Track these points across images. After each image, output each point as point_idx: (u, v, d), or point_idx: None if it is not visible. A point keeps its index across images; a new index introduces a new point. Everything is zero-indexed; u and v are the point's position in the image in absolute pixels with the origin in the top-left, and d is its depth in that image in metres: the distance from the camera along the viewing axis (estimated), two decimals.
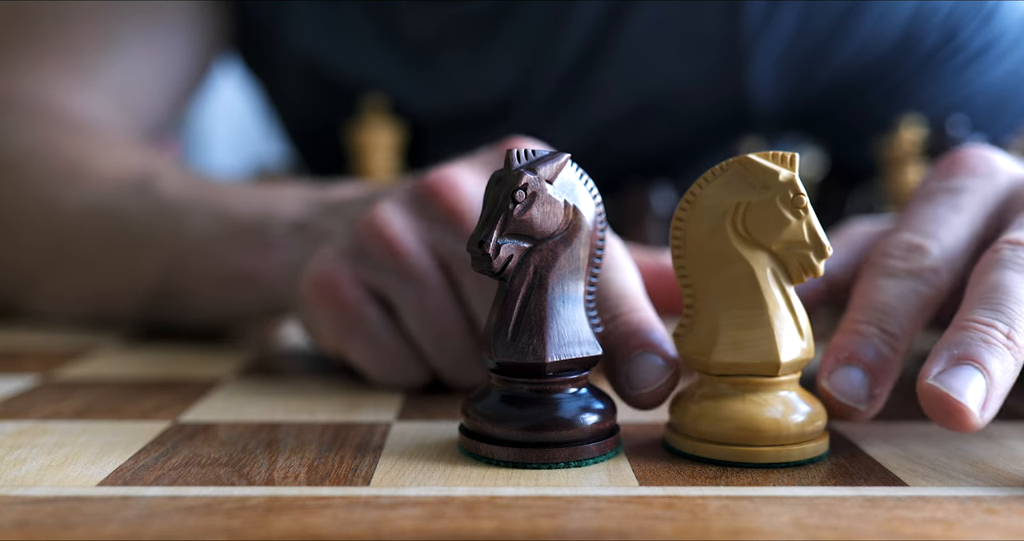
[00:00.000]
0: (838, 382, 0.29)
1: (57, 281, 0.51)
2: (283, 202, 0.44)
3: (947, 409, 0.26)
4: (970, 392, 0.26)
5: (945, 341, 0.27)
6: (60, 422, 0.33)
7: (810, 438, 0.29)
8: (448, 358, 0.36)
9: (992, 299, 0.28)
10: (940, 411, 0.26)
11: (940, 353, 0.27)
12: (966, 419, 0.26)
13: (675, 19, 0.65)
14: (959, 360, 0.26)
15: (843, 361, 0.30)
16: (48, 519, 0.24)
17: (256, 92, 0.81)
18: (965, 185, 0.34)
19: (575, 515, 0.24)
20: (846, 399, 0.29)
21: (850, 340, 0.30)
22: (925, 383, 0.26)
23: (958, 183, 0.34)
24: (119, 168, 0.51)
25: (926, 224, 0.33)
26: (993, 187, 0.34)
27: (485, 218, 0.28)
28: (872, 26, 0.64)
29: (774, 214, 0.28)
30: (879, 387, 0.29)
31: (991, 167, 0.35)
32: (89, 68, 0.61)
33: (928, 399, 0.26)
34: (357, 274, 0.37)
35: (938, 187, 0.35)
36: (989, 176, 0.35)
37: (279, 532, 0.23)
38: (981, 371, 0.26)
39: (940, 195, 0.34)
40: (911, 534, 0.23)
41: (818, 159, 0.79)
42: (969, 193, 0.34)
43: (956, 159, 0.36)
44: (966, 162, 0.35)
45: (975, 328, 0.27)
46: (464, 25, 0.68)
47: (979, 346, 0.27)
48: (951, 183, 0.35)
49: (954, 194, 0.34)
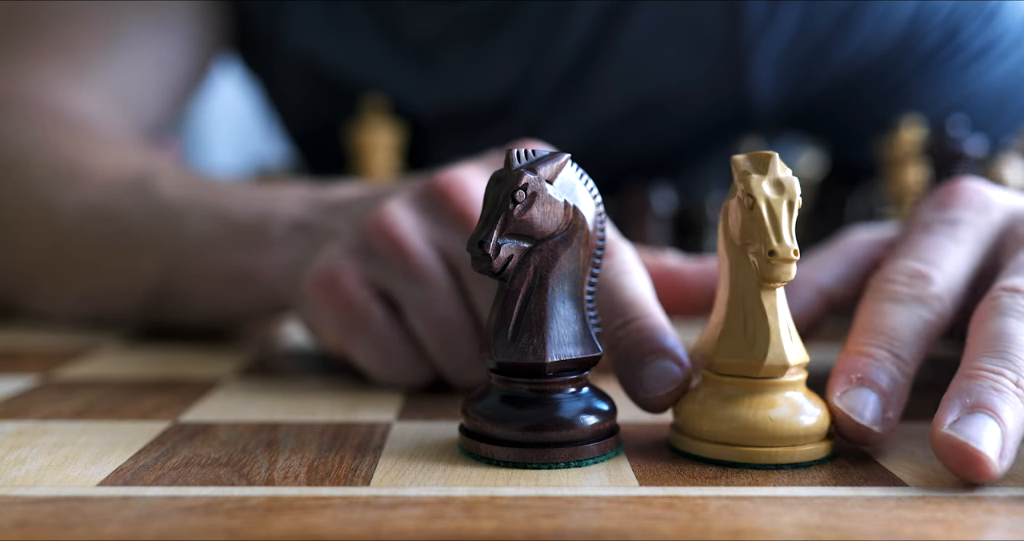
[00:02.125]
0: (852, 402, 0.29)
1: (56, 281, 0.51)
2: (283, 202, 0.44)
3: (965, 458, 0.25)
4: (987, 440, 0.25)
5: (955, 389, 0.27)
6: (60, 422, 0.33)
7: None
8: (453, 358, 0.36)
9: (997, 347, 0.28)
10: (958, 460, 0.26)
11: (952, 402, 0.27)
12: (985, 468, 0.25)
13: (676, 19, 0.65)
14: (972, 409, 0.26)
15: (856, 383, 0.29)
16: (48, 519, 0.24)
17: (256, 92, 0.81)
18: (963, 218, 0.34)
19: (575, 515, 0.24)
20: (860, 418, 0.28)
21: (862, 362, 0.29)
22: (940, 432, 0.26)
23: (955, 215, 0.34)
24: (118, 168, 0.51)
25: (927, 253, 0.33)
26: (988, 221, 0.34)
27: (485, 218, 0.28)
28: (873, 26, 0.64)
29: (735, 214, 0.28)
30: (892, 411, 0.29)
31: (987, 200, 0.35)
32: (88, 67, 0.61)
33: (944, 448, 0.26)
34: (363, 273, 0.37)
35: (935, 218, 0.35)
36: (984, 210, 0.35)
37: (279, 532, 0.23)
38: (995, 419, 0.26)
39: (938, 226, 0.34)
40: (911, 534, 0.23)
41: (818, 159, 0.79)
42: (966, 226, 0.34)
43: (952, 191, 0.36)
44: (962, 195, 0.35)
45: (984, 376, 0.27)
46: (465, 24, 0.68)
47: (991, 394, 0.26)
48: (948, 215, 0.35)
49: (952, 226, 0.34)
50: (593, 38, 0.67)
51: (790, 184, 0.27)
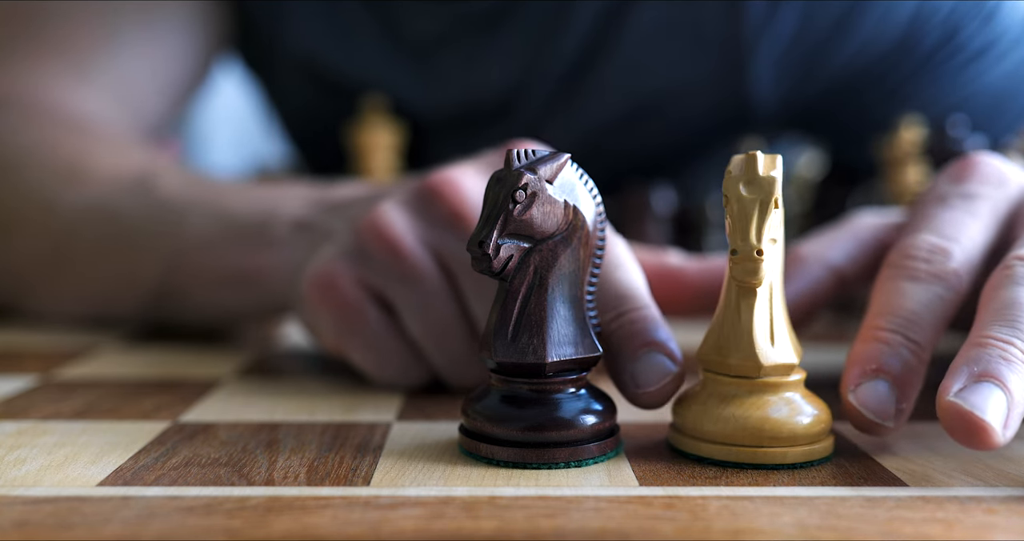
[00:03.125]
0: (865, 397, 0.28)
1: (56, 282, 0.51)
2: (284, 201, 0.44)
3: (969, 427, 0.25)
4: (991, 409, 0.25)
5: (963, 358, 0.27)
6: (60, 422, 0.33)
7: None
8: (449, 359, 0.36)
9: (1008, 315, 0.28)
10: (962, 429, 0.25)
11: (959, 370, 0.26)
12: (989, 437, 0.25)
13: (676, 19, 0.65)
14: (979, 377, 0.26)
15: (870, 374, 0.29)
16: (48, 519, 0.24)
17: (256, 92, 0.81)
18: (979, 191, 0.34)
19: (575, 515, 0.24)
20: (874, 416, 0.28)
21: (876, 349, 0.29)
22: (946, 400, 0.26)
23: (972, 189, 0.34)
24: (118, 168, 0.51)
25: (945, 227, 0.33)
26: (1005, 195, 0.34)
27: (485, 218, 0.28)
28: (873, 26, 0.64)
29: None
30: (905, 401, 0.29)
31: (1002, 175, 0.35)
32: (88, 67, 0.61)
33: (949, 417, 0.26)
34: (358, 274, 0.37)
35: (952, 191, 0.34)
36: (1001, 184, 0.35)
37: (279, 532, 0.23)
38: (1001, 388, 0.26)
39: (955, 199, 0.34)
40: (911, 534, 0.23)
41: (818, 159, 0.79)
42: (983, 200, 0.34)
43: (968, 165, 0.36)
44: (978, 169, 0.35)
45: (993, 345, 0.27)
46: (465, 24, 0.68)
47: (999, 363, 0.26)
48: (964, 188, 0.34)
49: (969, 200, 0.34)
50: (593, 38, 0.67)
51: (767, 184, 0.27)
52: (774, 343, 0.28)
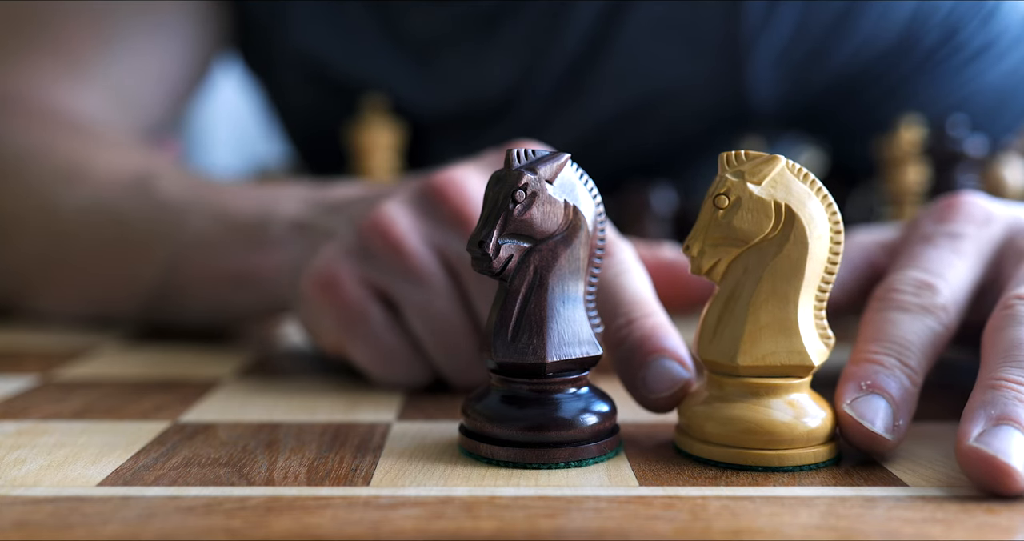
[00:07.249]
0: (862, 409, 0.28)
1: (56, 282, 0.51)
2: (283, 201, 0.44)
3: (994, 472, 0.25)
4: (1015, 452, 0.25)
5: (978, 401, 0.26)
6: (60, 422, 0.33)
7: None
8: (451, 358, 0.36)
9: (1017, 356, 0.27)
10: (985, 473, 0.25)
11: (976, 413, 0.26)
12: (1014, 481, 0.25)
13: (674, 18, 0.65)
14: (998, 420, 0.26)
15: (866, 390, 0.28)
16: (48, 519, 0.24)
17: (256, 92, 0.81)
18: (964, 231, 0.34)
19: (575, 515, 0.24)
20: (872, 426, 0.28)
21: (871, 369, 0.29)
22: (967, 445, 0.25)
23: (957, 229, 0.35)
24: (118, 168, 0.51)
25: (932, 264, 0.33)
26: (989, 235, 0.35)
27: (485, 218, 0.28)
28: (872, 26, 0.64)
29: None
30: (902, 419, 0.28)
31: (988, 215, 0.35)
32: (88, 67, 0.61)
33: (972, 461, 0.25)
34: (361, 273, 0.37)
35: (937, 231, 0.35)
36: (986, 224, 0.35)
37: (279, 532, 0.23)
38: (1021, 430, 0.25)
39: (940, 239, 0.34)
40: (911, 534, 0.23)
41: (818, 159, 0.79)
42: (968, 239, 0.34)
43: (953, 204, 0.36)
44: (963, 209, 0.35)
45: (1007, 387, 0.26)
46: (465, 24, 0.68)
47: (1015, 405, 0.26)
48: (949, 228, 0.35)
49: (954, 239, 0.34)
50: (592, 38, 0.67)
51: (715, 182, 0.29)
52: (753, 342, 0.28)
